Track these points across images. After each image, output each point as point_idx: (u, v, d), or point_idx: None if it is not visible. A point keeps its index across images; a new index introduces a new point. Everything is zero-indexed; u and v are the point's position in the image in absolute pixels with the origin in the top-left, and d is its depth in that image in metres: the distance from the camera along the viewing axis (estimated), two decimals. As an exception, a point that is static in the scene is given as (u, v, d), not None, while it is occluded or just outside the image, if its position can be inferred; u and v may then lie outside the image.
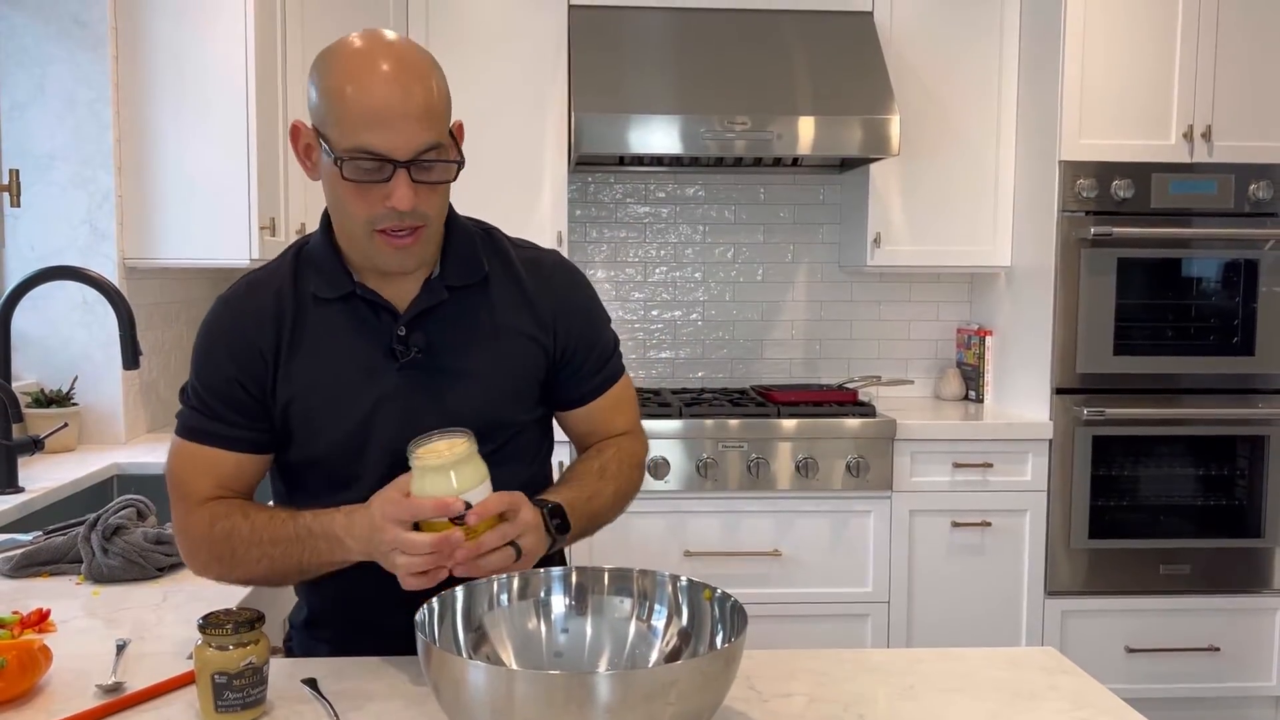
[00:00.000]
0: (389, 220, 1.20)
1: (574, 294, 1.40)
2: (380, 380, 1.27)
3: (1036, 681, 1.21)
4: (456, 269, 1.32)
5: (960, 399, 3.67)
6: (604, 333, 1.43)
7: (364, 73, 1.17)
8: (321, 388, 1.27)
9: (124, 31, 2.58)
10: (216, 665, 1.04)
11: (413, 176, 1.18)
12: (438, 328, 1.30)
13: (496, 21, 3.30)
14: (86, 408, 2.60)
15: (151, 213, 2.63)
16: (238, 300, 1.30)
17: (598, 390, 1.42)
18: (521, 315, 1.34)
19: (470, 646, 1.08)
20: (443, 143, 1.21)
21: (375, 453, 1.28)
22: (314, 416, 1.28)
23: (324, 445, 1.29)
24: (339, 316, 1.28)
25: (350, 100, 1.16)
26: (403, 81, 1.17)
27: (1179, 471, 3.22)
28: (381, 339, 1.28)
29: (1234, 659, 3.23)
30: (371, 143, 1.16)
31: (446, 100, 1.24)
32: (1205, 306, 3.20)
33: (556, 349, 1.37)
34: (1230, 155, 3.13)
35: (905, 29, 3.36)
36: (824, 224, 3.75)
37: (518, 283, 1.36)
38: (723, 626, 1.07)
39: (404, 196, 1.18)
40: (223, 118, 2.61)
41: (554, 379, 1.38)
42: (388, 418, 1.27)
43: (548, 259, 1.41)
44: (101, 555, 1.52)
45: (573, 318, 1.38)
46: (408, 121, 1.16)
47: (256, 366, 1.27)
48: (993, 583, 3.21)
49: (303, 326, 1.28)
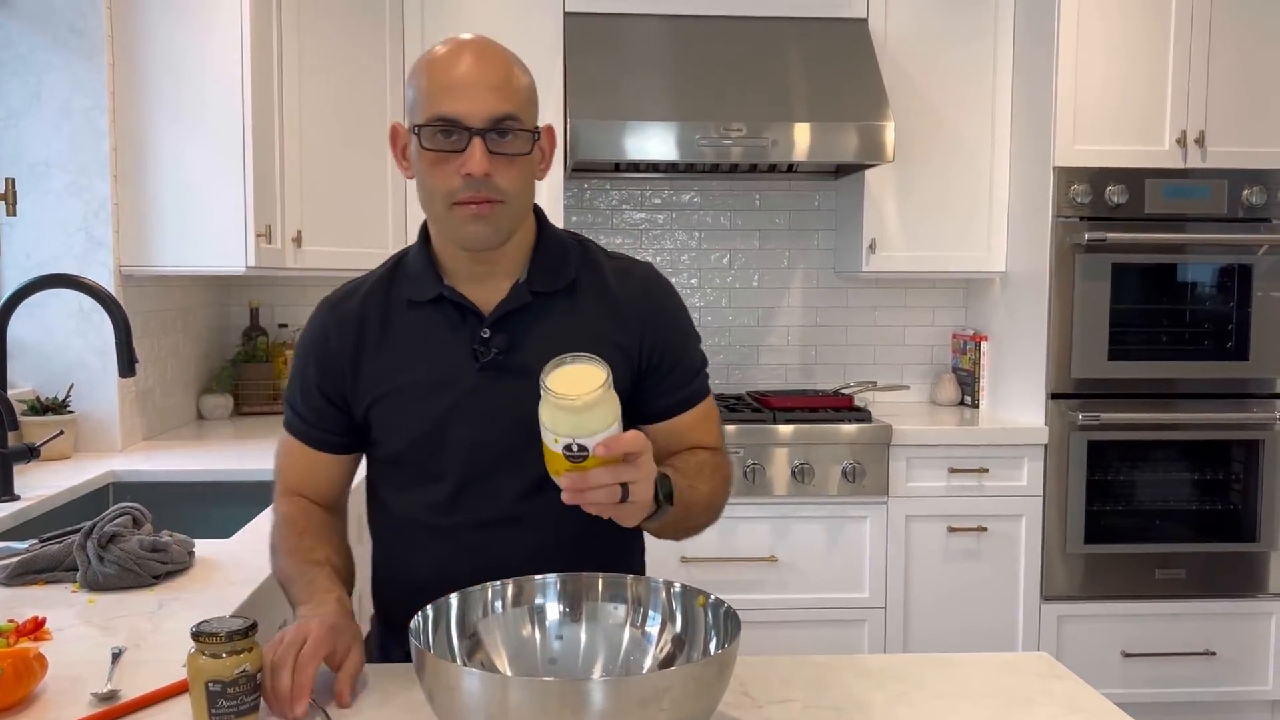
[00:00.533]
0: (466, 190, 1.23)
1: (663, 306, 1.41)
2: (460, 381, 1.31)
3: (1030, 687, 1.21)
4: (543, 275, 1.35)
5: (956, 404, 3.67)
6: (692, 348, 1.43)
7: (447, 54, 1.26)
8: (404, 387, 1.32)
9: (120, 39, 2.59)
10: (210, 673, 1.04)
11: (488, 146, 1.22)
12: (520, 331, 1.32)
13: (492, 28, 3.28)
14: (82, 415, 2.60)
15: (147, 220, 2.63)
16: (329, 306, 1.40)
17: (682, 405, 1.40)
18: (607, 324, 1.35)
19: (465, 653, 1.08)
20: (518, 116, 1.25)
21: (453, 451, 1.31)
22: (395, 414, 1.33)
23: (404, 442, 1.34)
24: (428, 319, 1.34)
25: (432, 75, 1.24)
26: (480, 59, 1.25)
27: (1174, 476, 3.23)
28: (466, 341, 1.32)
29: (1230, 663, 3.23)
30: (447, 109, 1.22)
31: (528, 86, 1.29)
32: (1199, 311, 3.21)
33: (642, 359, 1.37)
34: (1223, 160, 3.15)
35: (899, 36, 3.38)
36: (819, 230, 3.75)
37: (606, 292, 1.37)
38: (716, 633, 1.07)
39: (478, 162, 1.21)
40: (219, 125, 2.62)
41: (640, 391, 1.38)
42: (465, 417, 1.31)
43: (639, 270, 1.42)
44: (97, 563, 1.52)
45: (660, 329, 1.38)
46: (482, 89, 1.22)
47: (336, 374, 1.35)
48: (989, 588, 3.21)
49: (390, 329, 1.34)
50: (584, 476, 1.08)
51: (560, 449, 1.08)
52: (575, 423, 1.07)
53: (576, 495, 1.09)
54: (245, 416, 3.32)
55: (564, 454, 1.08)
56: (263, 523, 1.91)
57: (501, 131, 1.23)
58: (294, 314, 3.61)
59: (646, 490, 1.12)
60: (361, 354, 1.34)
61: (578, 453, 1.08)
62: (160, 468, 2.46)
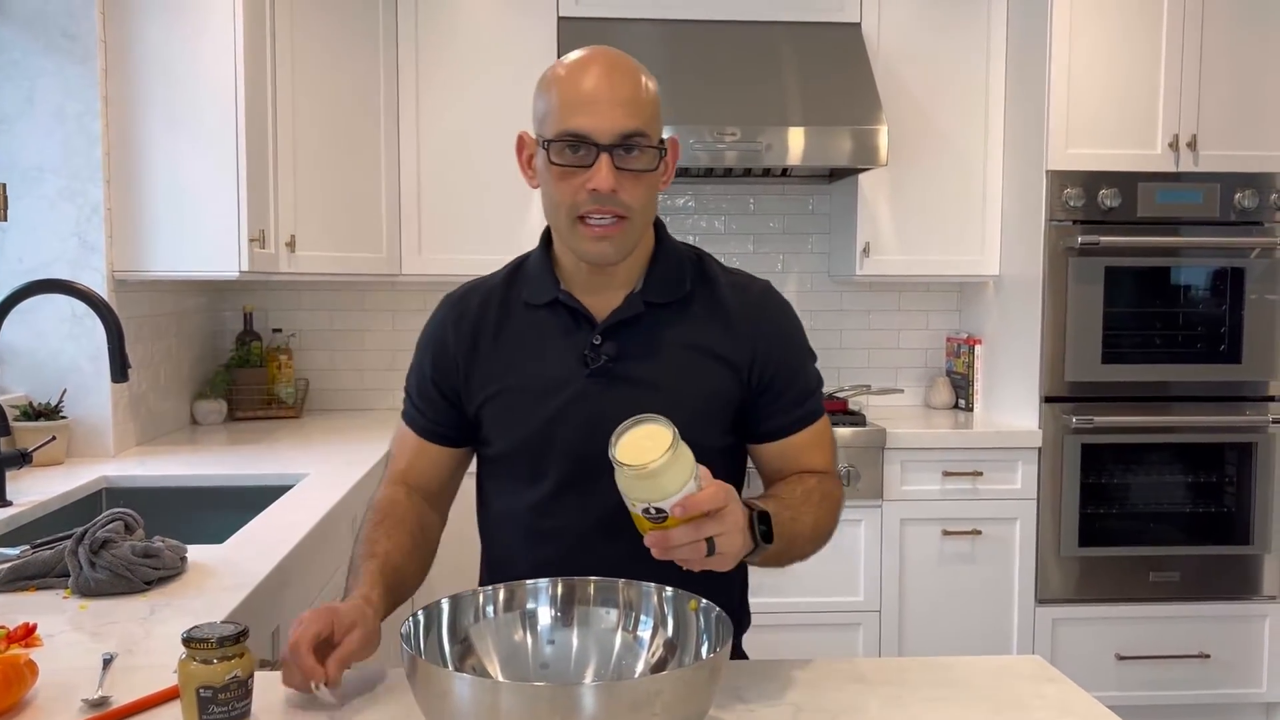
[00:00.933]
0: (591, 204, 1.25)
1: (778, 323, 1.41)
2: (569, 385, 1.33)
3: (1023, 690, 1.22)
4: (658, 286, 1.36)
5: (950, 408, 3.68)
6: (807, 368, 1.42)
7: (576, 69, 1.27)
8: (514, 388, 1.36)
9: (113, 44, 2.59)
10: (201, 679, 1.03)
11: (615, 162, 1.24)
12: (631, 339, 1.34)
13: (486, 34, 3.31)
14: (75, 421, 2.59)
15: (141, 225, 2.63)
16: (450, 302, 1.44)
17: (794, 426, 1.39)
18: (719, 338, 1.36)
19: (456, 658, 1.08)
20: (646, 132, 1.26)
21: (558, 454, 1.34)
22: (504, 414, 1.36)
23: (511, 442, 1.36)
24: (543, 322, 1.37)
25: (561, 90, 1.26)
26: (610, 74, 1.26)
27: (1168, 479, 3.23)
28: (578, 346, 1.34)
29: (1224, 666, 3.24)
30: (576, 125, 1.24)
31: (655, 100, 1.30)
32: (1192, 314, 3.22)
33: (754, 377, 1.36)
34: (1216, 164, 3.16)
35: (893, 40, 3.38)
36: (813, 234, 3.76)
37: (720, 307, 1.38)
38: (708, 636, 1.07)
39: (605, 178, 1.23)
40: (212, 130, 2.61)
41: (750, 408, 1.38)
42: (571, 421, 1.32)
43: (756, 286, 1.43)
44: (89, 569, 1.52)
45: (774, 347, 1.38)
46: (611, 106, 1.24)
47: (450, 370, 1.39)
48: (983, 591, 3.21)
49: (506, 329, 1.38)
50: (667, 536, 1.08)
51: (639, 512, 1.09)
52: (648, 488, 1.07)
53: (662, 554, 1.10)
54: (239, 421, 3.32)
55: (644, 516, 1.09)
56: (256, 528, 1.91)
57: (628, 147, 1.25)
58: (288, 318, 3.61)
59: (733, 541, 1.11)
60: (476, 352, 1.38)
61: (656, 515, 1.08)
62: (153, 473, 2.45)
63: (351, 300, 3.65)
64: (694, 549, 1.09)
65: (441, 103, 3.31)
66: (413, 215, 3.31)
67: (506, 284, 1.42)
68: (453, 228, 3.32)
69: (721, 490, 1.10)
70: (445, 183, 3.32)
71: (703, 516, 1.09)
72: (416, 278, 3.36)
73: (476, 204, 3.32)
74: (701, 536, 1.09)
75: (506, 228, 3.32)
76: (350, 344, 3.66)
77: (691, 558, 1.10)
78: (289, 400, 3.41)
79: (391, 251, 3.30)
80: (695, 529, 1.08)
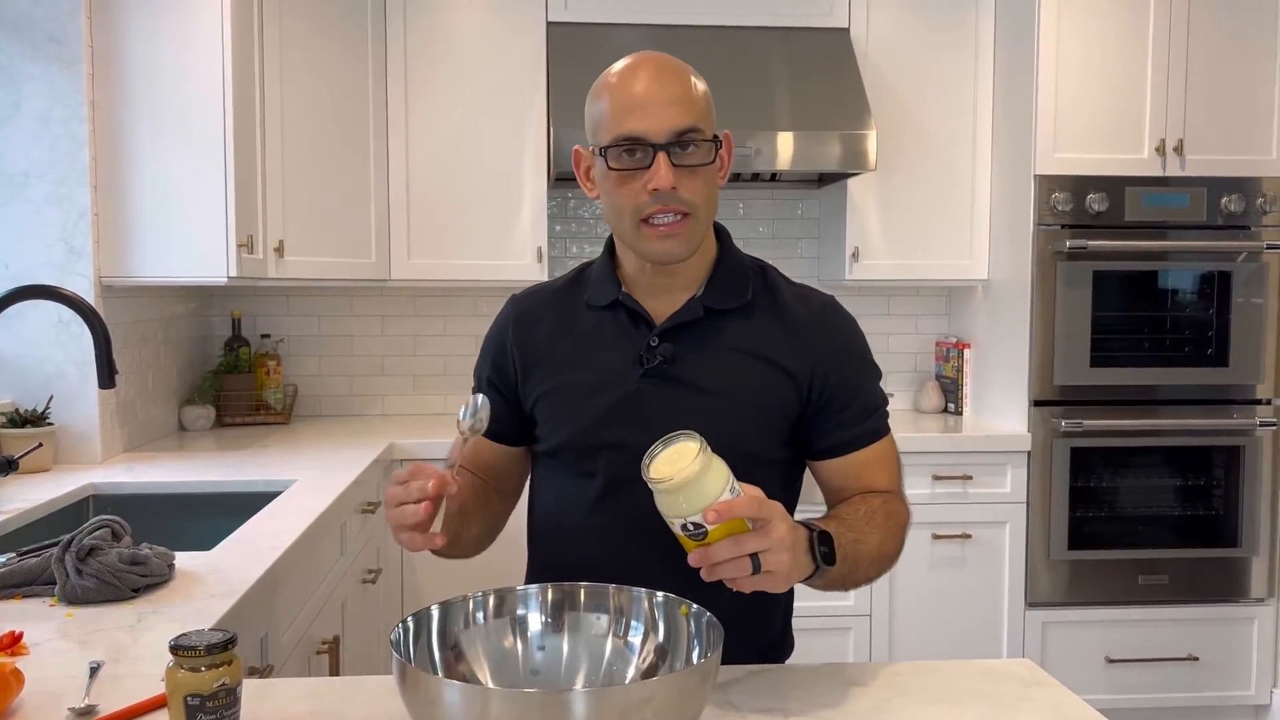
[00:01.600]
0: (653, 205, 1.26)
1: (842, 337, 1.39)
2: (622, 384, 1.34)
3: (1013, 693, 1.22)
4: (720, 292, 1.36)
5: (939, 411, 3.68)
6: (870, 383, 1.40)
7: (625, 74, 1.29)
8: (569, 384, 1.37)
9: (100, 49, 2.58)
10: (188, 687, 1.02)
11: (672, 160, 1.25)
12: (688, 343, 1.34)
13: (475, 39, 3.31)
14: (62, 427, 2.58)
15: (128, 231, 2.62)
16: (514, 302, 1.46)
17: (857, 442, 1.37)
18: (779, 349, 1.35)
19: (446, 665, 1.08)
20: (700, 127, 1.27)
21: (607, 453, 1.34)
22: (558, 409, 1.37)
23: (562, 438, 1.37)
24: (603, 323, 1.38)
25: (612, 97, 1.28)
26: (659, 75, 1.27)
27: (1156, 482, 3.25)
28: (635, 347, 1.35)
29: (1213, 668, 3.25)
30: (630, 128, 1.25)
31: (705, 95, 1.31)
32: (1180, 318, 3.23)
33: (814, 390, 1.35)
34: (1202, 169, 3.17)
35: (881, 45, 3.39)
36: (802, 239, 3.76)
37: (781, 317, 1.37)
38: (699, 642, 1.07)
39: (664, 176, 1.24)
40: (200, 135, 2.61)
41: (810, 422, 1.37)
42: (622, 420, 1.33)
43: (819, 299, 1.42)
44: (75, 576, 1.51)
45: (836, 360, 1.37)
46: (663, 106, 1.25)
47: (506, 368, 1.42)
48: (973, 595, 3.22)
49: (566, 329, 1.40)
50: (708, 552, 1.06)
51: (679, 531, 1.08)
52: (681, 501, 1.06)
53: (708, 573, 1.08)
54: (227, 428, 3.30)
55: (685, 535, 1.08)
56: (244, 535, 1.90)
57: (684, 144, 1.26)
58: (276, 324, 3.59)
59: (779, 559, 1.08)
60: (535, 348, 1.40)
61: (695, 531, 1.06)
62: (141, 480, 2.44)
63: (340, 306, 3.64)
64: (737, 565, 1.06)
65: (431, 108, 3.30)
66: (402, 221, 3.31)
67: (570, 287, 1.44)
68: (442, 233, 3.32)
69: (759, 499, 1.08)
70: (434, 188, 3.31)
71: (745, 531, 1.07)
72: (406, 283, 3.35)
73: (466, 209, 3.32)
74: (744, 552, 1.06)
75: (496, 233, 3.31)
76: (339, 350, 3.65)
77: (735, 575, 1.07)
78: (277, 406, 3.40)
79: (380, 257, 3.29)
80: (736, 544, 1.06)
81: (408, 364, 3.67)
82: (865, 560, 1.27)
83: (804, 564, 1.14)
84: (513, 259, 3.32)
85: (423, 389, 3.68)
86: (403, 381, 3.68)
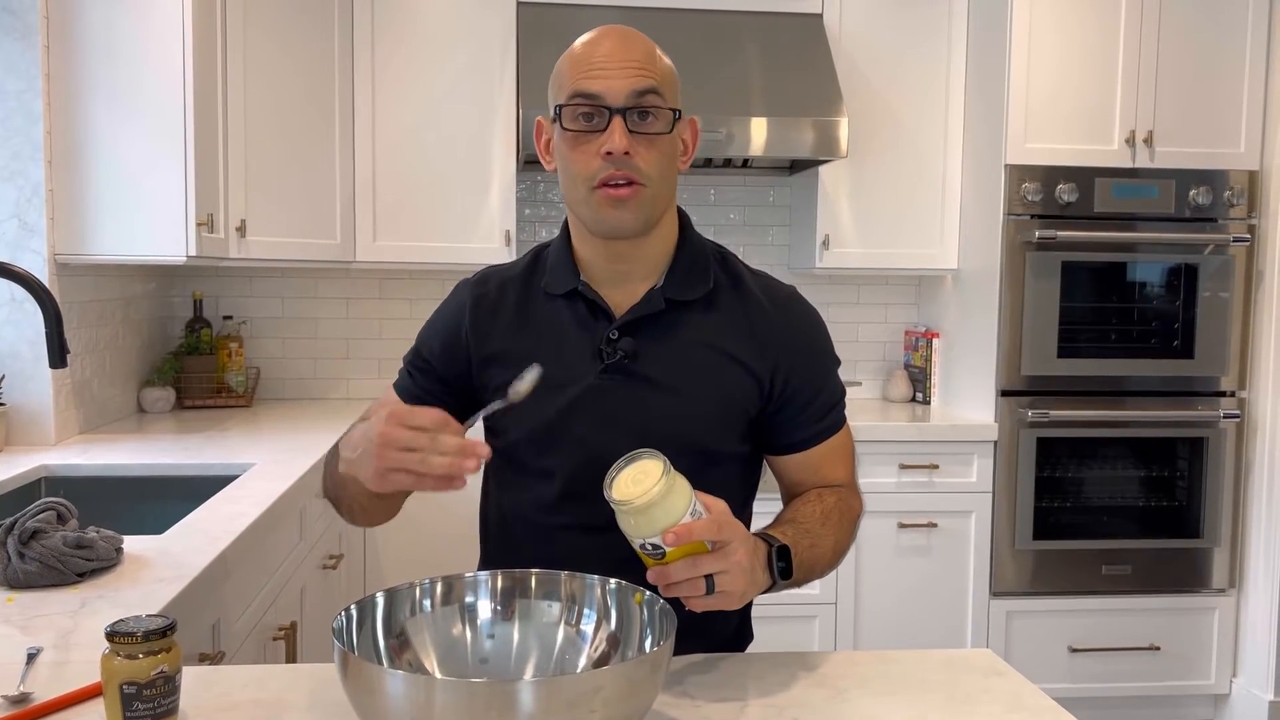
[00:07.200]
0: (606, 170, 1.22)
1: (805, 332, 1.36)
2: (581, 379, 1.29)
3: (972, 684, 1.20)
4: (680, 283, 1.32)
5: (908, 401, 3.68)
6: (831, 379, 1.38)
7: (589, 41, 1.27)
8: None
9: (55, 20, 2.51)
10: (125, 675, 0.99)
11: (628, 126, 1.22)
12: (649, 337, 1.30)
13: (443, 20, 3.26)
14: (14, 408, 2.52)
15: (84, 207, 2.55)
16: (467, 286, 1.40)
17: (818, 437, 1.36)
18: (740, 343, 1.31)
19: (391, 654, 1.05)
20: (659, 91, 1.24)
21: (566, 449, 1.29)
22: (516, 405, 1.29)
23: (520, 433, 1.31)
24: (560, 313, 1.33)
25: (573, 59, 1.26)
26: (622, 40, 1.25)
27: (1121, 473, 3.26)
28: (593, 340, 1.30)
29: (1174, 658, 3.27)
30: (586, 86, 1.22)
31: (669, 68, 1.29)
32: (1147, 310, 3.24)
33: (776, 388, 1.32)
34: (1171, 161, 3.18)
35: (854, 32, 3.37)
36: (773, 226, 3.75)
37: (745, 310, 1.33)
38: (651, 630, 1.04)
39: (619, 140, 1.20)
40: (159, 110, 2.54)
41: (772, 419, 1.34)
42: (582, 417, 1.28)
43: (782, 291, 1.38)
44: (17, 560, 1.47)
45: (799, 359, 1.34)
46: (623, 67, 1.22)
47: (457, 354, 1.35)
48: (939, 584, 3.22)
49: (522, 317, 1.34)
50: (665, 571, 1.06)
51: (639, 548, 1.08)
52: (643, 523, 1.05)
53: (665, 591, 1.07)
54: (187, 410, 3.25)
55: (644, 553, 1.07)
56: (198, 518, 1.86)
57: (642, 113, 1.23)
58: (239, 305, 3.54)
59: (735, 582, 1.07)
60: (492, 343, 1.34)
61: (653, 551, 1.06)
62: (95, 462, 2.39)
63: (304, 287, 3.58)
64: (693, 586, 1.06)
65: (398, 88, 3.25)
66: (367, 201, 3.26)
67: (527, 271, 1.38)
68: (408, 215, 3.27)
69: (718, 522, 1.07)
70: (401, 169, 3.27)
71: (702, 553, 1.06)
72: (371, 265, 3.30)
73: (432, 191, 3.27)
74: (699, 573, 1.05)
75: (463, 215, 3.27)
76: (302, 332, 3.59)
77: (690, 594, 1.07)
78: (239, 389, 3.35)
79: (346, 238, 3.24)
80: (693, 565, 1.05)
81: (373, 347, 3.63)
82: (821, 563, 1.27)
83: (761, 581, 1.14)
84: (480, 241, 3.28)
85: (388, 372, 3.64)
86: (367, 365, 3.63)
